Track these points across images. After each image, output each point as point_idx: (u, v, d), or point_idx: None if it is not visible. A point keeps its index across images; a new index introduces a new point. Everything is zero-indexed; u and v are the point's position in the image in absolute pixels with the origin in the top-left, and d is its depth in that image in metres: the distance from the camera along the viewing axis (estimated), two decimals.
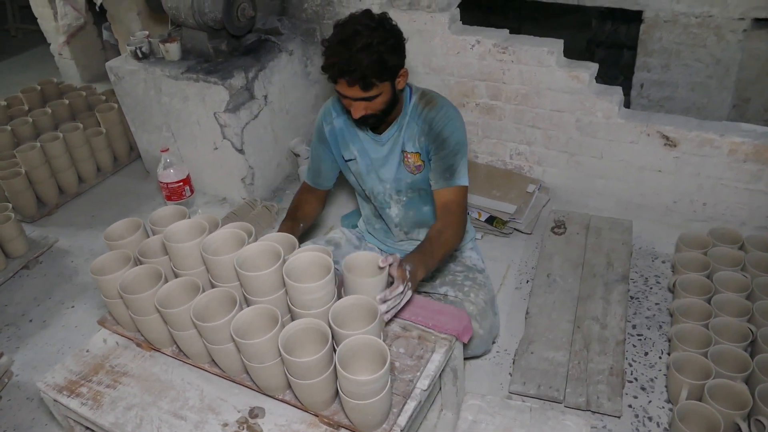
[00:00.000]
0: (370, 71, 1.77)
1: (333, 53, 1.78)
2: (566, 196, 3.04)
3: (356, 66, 1.75)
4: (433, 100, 2.03)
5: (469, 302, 2.10)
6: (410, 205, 2.20)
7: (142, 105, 3.21)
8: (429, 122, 1.99)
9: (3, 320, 2.75)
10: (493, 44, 2.79)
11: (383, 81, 1.83)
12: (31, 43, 6.00)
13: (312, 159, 2.28)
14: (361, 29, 1.77)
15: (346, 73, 1.77)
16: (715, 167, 2.62)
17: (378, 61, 1.77)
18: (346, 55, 1.75)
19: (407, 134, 2.05)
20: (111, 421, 1.69)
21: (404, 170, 2.11)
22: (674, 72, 3.85)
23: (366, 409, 1.45)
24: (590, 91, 2.71)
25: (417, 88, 2.08)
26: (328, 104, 2.18)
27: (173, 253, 1.74)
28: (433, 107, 2.00)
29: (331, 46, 1.80)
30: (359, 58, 1.74)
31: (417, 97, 2.04)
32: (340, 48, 1.77)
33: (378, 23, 1.81)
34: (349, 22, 1.82)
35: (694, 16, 3.61)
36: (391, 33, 1.82)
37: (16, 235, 2.96)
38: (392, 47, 1.81)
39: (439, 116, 1.99)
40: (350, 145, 2.14)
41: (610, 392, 2.06)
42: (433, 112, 1.99)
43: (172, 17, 3.04)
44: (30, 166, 3.25)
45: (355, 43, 1.75)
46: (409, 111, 2.04)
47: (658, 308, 2.46)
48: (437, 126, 1.98)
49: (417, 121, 2.03)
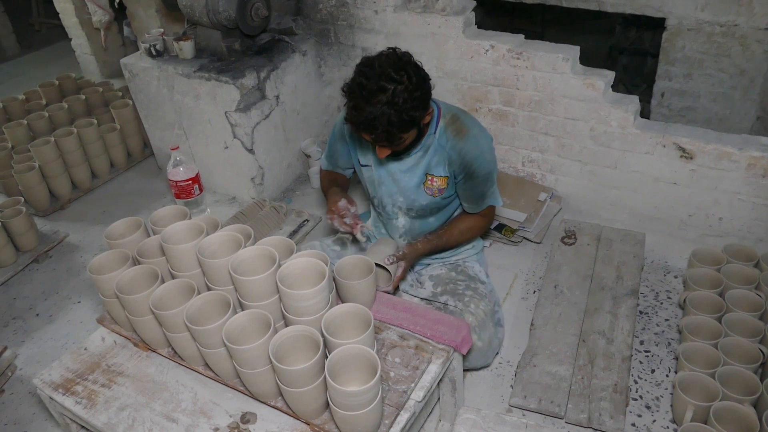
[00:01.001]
0: (396, 128, 1.73)
1: (356, 110, 1.73)
2: (579, 206, 2.99)
3: (381, 126, 1.71)
4: (463, 128, 1.97)
5: (469, 313, 2.07)
6: (418, 218, 2.18)
7: (155, 102, 3.22)
8: (459, 152, 1.97)
9: (11, 313, 2.77)
10: (507, 49, 2.75)
11: (410, 131, 1.80)
12: (55, 37, 6.07)
13: (328, 147, 2.26)
14: (385, 85, 1.69)
15: (371, 131, 1.74)
16: (733, 181, 2.55)
17: (404, 121, 1.73)
18: (371, 115, 1.69)
19: (435, 159, 2.01)
20: (103, 421, 1.68)
21: (423, 192, 2.08)
22: (697, 81, 3.76)
23: (355, 420, 1.42)
24: (605, 100, 2.66)
25: (447, 110, 2.01)
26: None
27: (170, 255, 1.73)
28: (463, 137, 1.96)
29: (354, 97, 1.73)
30: (384, 119, 1.69)
31: (446, 123, 1.99)
32: (362, 105, 1.71)
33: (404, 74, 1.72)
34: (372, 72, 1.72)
35: (719, 25, 3.52)
36: (417, 85, 1.74)
37: (27, 229, 2.99)
38: (418, 101, 1.75)
39: (469, 147, 1.96)
40: (368, 152, 2.11)
41: (613, 410, 2.01)
42: (464, 143, 1.96)
43: (187, 15, 3.04)
44: (44, 161, 3.27)
45: (380, 101, 1.69)
46: (437, 135, 1.99)
47: (668, 324, 2.40)
48: (468, 158, 1.96)
49: (446, 147, 1.99)
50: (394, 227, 2.22)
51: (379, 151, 1.86)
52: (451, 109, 2.03)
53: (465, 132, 1.97)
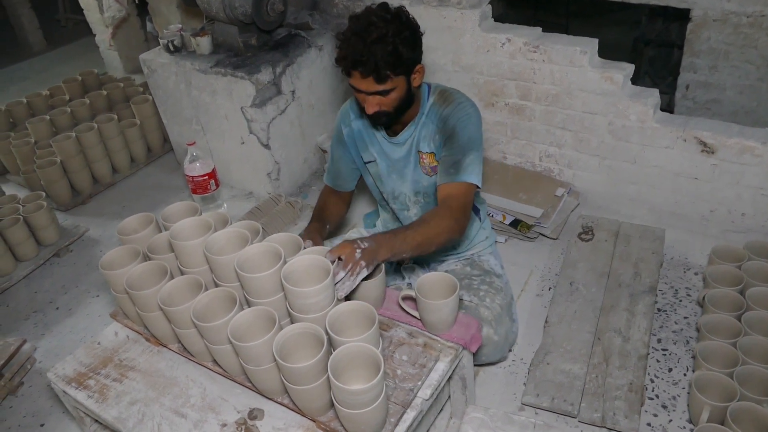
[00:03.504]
0: (384, 63, 1.73)
1: (347, 45, 1.75)
2: (597, 202, 2.94)
3: (370, 57, 1.72)
4: (450, 96, 1.97)
5: (485, 307, 2.05)
6: (428, 206, 2.16)
7: (174, 98, 3.25)
8: (444, 119, 1.94)
9: (32, 307, 2.82)
10: (523, 43, 2.71)
11: (398, 75, 1.79)
12: (80, 33, 6.16)
13: (331, 160, 2.25)
14: (375, 20, 1.74)
15: (360, 64, 1.74)
16: (756, 176, 2.49)
17: (392, 53, 1.73)
18: (360, 47, 1.72)
19: (423, 133, 2.01)
20: (114, 416, 1.70)
21: (420, 172, 2.07)
22: (722, 73, 3.67)
23: (359, 418, 1.41)
24: (624, 94, 2.61)
25: (436, 87, 2.02)
26: (346, 106, 2.16)
27: (179, 251, 1.74)
28: (449, 104, 1.95)
29: (345, 38, 1.77)
30: (373, 49, 1.71)
31: (435, 97, 1.99)
32: (354, 39, 1.74)
33: (393, 15, 1.78)
34: (363, 14, 1.79)
35: (746, 16, 3.43)
36: (406, 25, 1.79)
37: (48, 224, 3.03)
38: (407, 39, 1.77)
39: (454, 112, 1.93)
40: (369, 147, 2.11)
41: (628, 409, 1.98)
42: (449, 109, 1.94)
43: (204, 11, 3.05)
44: (65, 156, 3.32)
45: (370, 34, 1.72)
46: (426, 111, 1.99)
47: (687, 322, 2.35)
48: (451, 121, 1.93)
49: (433, 119, 1.98)
50: (407, 218, 2.21)
51: (368, 104, 1.84)
52: (440, 86, 2.03)
53: (451, 99, 1.96)
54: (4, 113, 3.91)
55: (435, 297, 1.69)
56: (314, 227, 2.13)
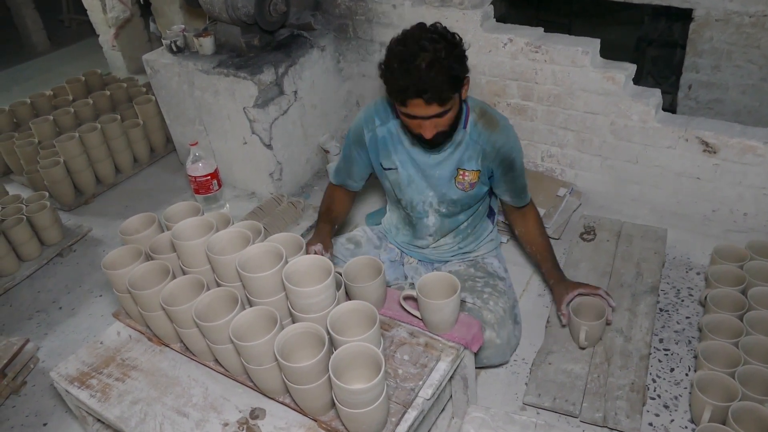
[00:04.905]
0: (446, 85, 1.71)
1: (404, 74, 1.70)
2: (599, 202, 2.94)
3: (433, 82, 1.68)
4: (494, 120, 1.99)
5: (488, 310, 2.05)
6: (447, 215, 2.16)
7: (176, 98, 3.26)
8: (494, 145, 1.97)
9: (35, 307, 2.83)
10: (525, 43, 2.71)
11: (455, 93, 1.78)
12: (84, 33, 6.18)
13: (343, 159, 2.24)
14: (425, 44, 1.70)
15: (423, 92, 1.70)
16: (758, 176, 2.49)
17: (450, 74, 1.71)
18: (418, 74, 1.68)
19: (467, 153, 2.01)
20: (116, 415, 1.71)
21: (454, 187, 2.07)
22: (725, 73, 3.67)
23: (360, 417, 1.42)
24: (626, 94, 2.60)
25: (474, 104, 2.02)
26: (370, 110, 2.11)
27: (181, 251, 1.74)
28: (495, 129, 1.98)
29: (397, 67, 1.72)
30: (433, 73, 1.68)
31: (476, 115, 1.99)
32: (409, 67, 1.69)
33: (440, 35, 1.74)
34: (409, 39, 1.73)
35: (748, 16, 3.42)
36: (452, 43, 1.75)
37: (52, 224, 3.04)
38: (459, 56, 1.75)
39: (503, 139, 1.98)
40: (392, 155, 2.09)
41: (630, 409, 1.98)
42: (497, 135, 1.98)
43: (207, 11, 3.06)
44: (68, 156, 3.33)
45: (424, 59, 1.68)
46: (468, 129, 1.99)
47: (689, 322, 2.35)
48: (505, 149, 1.98)
49: (479, 141, 1.99)
50: (424, 226, 2.21)
51: (426, 130, 1.82)
52: (477, 103, 2.03)
53: (496, 124, 1.98)
54: (7, 113, 3.93)
55: (436, 297, 1.70)
56: (325, 230, 2.15)
